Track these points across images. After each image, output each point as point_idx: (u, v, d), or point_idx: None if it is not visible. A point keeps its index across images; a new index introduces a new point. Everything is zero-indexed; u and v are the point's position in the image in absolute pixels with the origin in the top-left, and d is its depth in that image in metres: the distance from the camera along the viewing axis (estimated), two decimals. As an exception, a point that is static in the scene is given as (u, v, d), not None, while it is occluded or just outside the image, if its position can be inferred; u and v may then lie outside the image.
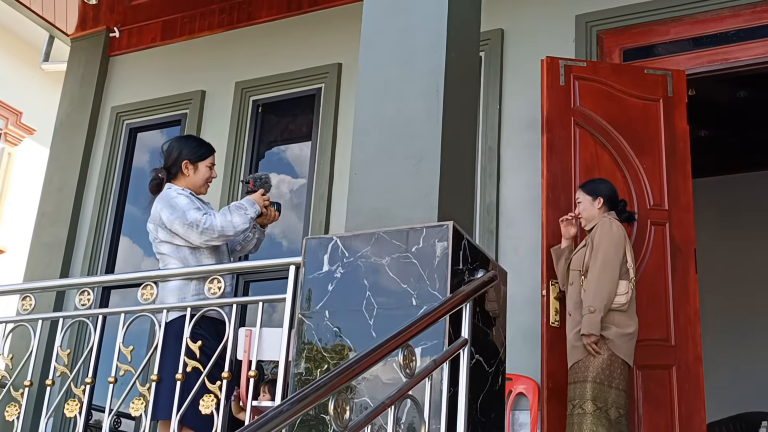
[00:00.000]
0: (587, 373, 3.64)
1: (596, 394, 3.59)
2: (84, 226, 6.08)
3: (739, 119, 6.73)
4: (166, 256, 3.59)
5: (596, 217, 3.95)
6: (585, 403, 3.59)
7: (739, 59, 4.66)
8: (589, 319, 3.64)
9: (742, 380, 6.52)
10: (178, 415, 3.01)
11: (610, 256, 3.75)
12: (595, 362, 3.64)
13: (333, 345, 2.72)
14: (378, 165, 2.90)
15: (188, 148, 3.79)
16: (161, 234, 3.57)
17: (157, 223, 3.60)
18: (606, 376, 3.63)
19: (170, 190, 3.68)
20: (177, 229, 3.52)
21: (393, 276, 2.67)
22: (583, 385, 3.63)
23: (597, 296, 3.68)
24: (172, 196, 3.62)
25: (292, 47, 5.78)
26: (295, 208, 5.58)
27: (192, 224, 3.49)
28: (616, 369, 3.66)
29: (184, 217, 3.51)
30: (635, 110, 4.56)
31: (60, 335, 3.38)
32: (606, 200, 3.97)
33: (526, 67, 4.86)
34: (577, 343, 3.71)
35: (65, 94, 6.53)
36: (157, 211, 3.61)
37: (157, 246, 3.62)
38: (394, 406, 2.14)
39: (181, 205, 3.56)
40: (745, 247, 7.07)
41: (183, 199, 3.60)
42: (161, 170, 3.75)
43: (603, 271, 3.72)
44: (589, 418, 3.56)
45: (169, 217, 3.53)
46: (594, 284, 3.70)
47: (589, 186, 4.04)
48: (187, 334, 3.10)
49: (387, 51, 3.07)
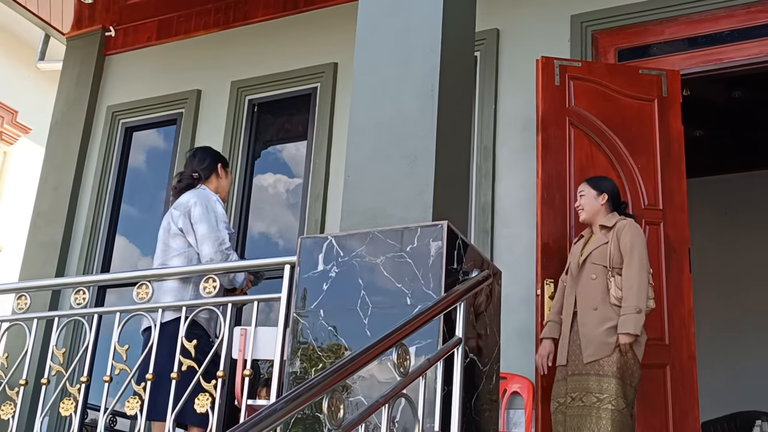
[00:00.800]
0: (614, 369, 3.64)
1: (621, 391, 3.61)
2: (79, 225, 6.07)
3: (734, 119, 6.75)
4: (172, 250, 3.61)
5: (599, 212, 3.95)
6: (614, 399, 3.59)
7: (734, 59, 4.67)
8: (636, 319, 3.64)
9: (736, 379, 6.54)
10: (173, 415, 3.02)
11: (645, 259, 3.79)
12: (622, 360, 3.66)
13: (328, 344, 2.73)
14: (373, 165, 2.91)
15: (219, 155, 4.00)
16: (182, 222, 3.60)
17: (183, 212, 3.63)
18: (629, 375, 3.66)
19: (207, 191, 3.76)
20: (199, 229, 3.57)
21: (387, 275, 2.68)
22: (607, 380, 3.63)
23: (642, 297, 3.69)
24: (212, 199, 3.70)
25: (288, 47, 5.79)
26: (291, 208, 5.59)
27: (217, 238, 3.57)
28: (636, 370, 3.70)
29: (216, 226, 3.59)
30: (630, 110, 4.57)
31: (55, 334, 3.39)
32: (610, 198, 3.98)
33: (521, 67, 4.87)
34: (610, 339, 3.68)
35: (61, 93, 6.53)
36: (189, 202, 3.66)
37: (169, 238, 3.64)
38: (388, 404, 2.15)
39: (218, 214, 3.65)
40: (739, 247, 7.09)
41: (220, 208, 3.69)
42: (195, 171, 3.83)
43: (642, 272, 3.74)
44: (617, 415, 3.58)
45: (201, 215, 3.59)
46: (637, 285, 3.70)
47: (595, 181, 4.05)
48: (182, 333, 3.11)
49: (382, 51, 3.08)
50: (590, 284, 3.83)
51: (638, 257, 3.76)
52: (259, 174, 5.76)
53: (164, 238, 3.66)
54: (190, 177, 3.85)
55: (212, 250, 3.53)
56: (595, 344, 3.70)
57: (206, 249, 3.55)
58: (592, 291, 3.81)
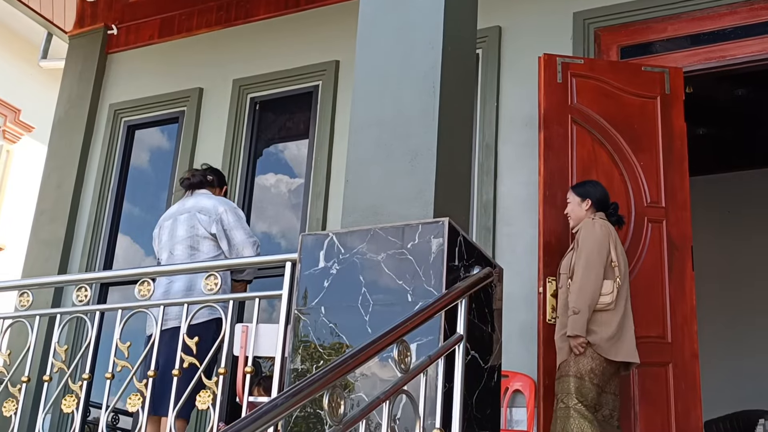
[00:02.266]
0: (569, 368, 3.66)
1: (578, 388, 3.59)
2: (82, 223, 6.08)
3: (737, 117, 6.73)
4: (200, 254, 3.70)
5: (584, 218, 3.95)
6: (567, 397, 3.59)
7: (736, 57, 4.66)
8: (574, 320, 3.66)
9: (739, 378, 6.53)
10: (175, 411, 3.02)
11: (593, 256, 3.75)
12: (578, 360, 3.66)
13: (329, 341, 2.72)
14: (374, 162, 2.91)
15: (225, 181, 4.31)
16: (215, 228, 3.81)
17: (214, 218, 3.82)
18: (587, 372, 3.63)
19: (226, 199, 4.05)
20: (236, 236, 3.82)
21: (389, 272, 2.68)
22: (566, 380, 3.64)
23: (580, 297, 3.69)
24: (235, 207, 4.00)
25: (290, 44, 5.78)
26: (293, 207, 5.58)
27: (255, 242, 3.89)
28: (597, 368, 3.64)
29: (250, 232, 3.93)
30: (632, 107, 4.56)
31: (57, 331, 3.39)
32: (594, 203, 3.96)
33: (523, 64, 4.86)
34: (563, 344, 3.74)
35: (63, 92, 6.53)
36: (218, 209, 3.87)
37: (197, 240, 3.74)
38: (388, 401, 2.14)
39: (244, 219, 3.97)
40: (742, 245, 7.07)
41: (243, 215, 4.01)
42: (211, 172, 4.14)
43: (586, 272, 3.72)
44: (571, 411, 3.57)
45: (235, 222, 3.85)
46: (578, 285, 3.71)
47: (580, 188, 4.04)
48: (183, 329, 3.10)
49: (383, 48, 3.07)
50: (559, 294, 3.90)
51: (584, 257, 3.76)
52: (260, 173, 5.76)
53: (189, 240, 3.75)
54: (203, 175, 4.10)
55: (253, 253, 3.82)
56: (558, 351, 3.78)
57: (248, 252, 3.82)
58: (559, 300, 3.88)
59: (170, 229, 3.81)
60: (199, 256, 3.75)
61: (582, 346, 3.63)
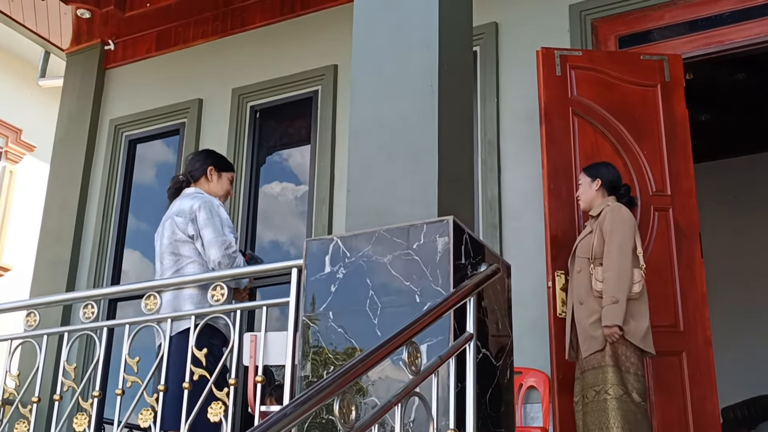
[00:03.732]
0: (605, 358, 3.60)
1: (618, 378, 3.55)
2: (87, 241, 6.07)
3: (739, 102, 6.70)
4: (184, 258, 3.59)
5: (594, 199, 3.91)
6: (610, 388, 3.54)
7: (735, 41, 4.62)
8: (614, 310, 3.58)
9: (754, 363, 6.49)
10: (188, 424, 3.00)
11: (626, 243, 3.70)
12: (616, 350, 3.60)
13: (339, 346, 2.70)
14: (375, 164, 2.89)
15: (214, 157, 3.96)
16: (191, 229, 3.60)
17: (189, 218, 3.62)
18: (623, 362, 3.59)
19: (208, 196, 3.75)
20: (205, 234, 3.58)
21: (395, 274, 2.66)
22: (604, 370, 3.58)
23: (620, 286, 3.62)
24: (215, 204, 3.70)
25: (288, 51, 5.77)
26: (298, 214, 5.57)
27: (223, 242, 3.57)
28: (631, 356, 3.62)
29: (221, 230, 3.60)
30: (633, 97, 4.53)
31: (66, 349, 3.38)
32: (604, 183, 3.93)
33: (521, 59, 4.84)
34: (596, 332, 3.64)
35: (63, 109, 6.54)
36: (192, 207, 3.64)
37: (178, 246, 3.61)
38: (400, 404, 2.12)
39: (223, 218, 3.66)
40: (750, 229, 7.03)
41: (224, 213, 3.70)
42: (183, 174, 3.84)
43: (622, 260, 3.66)
44: (615, 402, 3.52)
45: (206, 220, 3.60)
46: (614, 273, 3.63)
47: (590, 169, 4.02)
48: (192, 342, 3.09)
49: (380, 49, 3.06)
50: (577, 278, 3.81)
51: (617, 243, 3.69)
52: (264, 180, 5.74)
53: (171, 247, 3.64)
54: (177, 182, 3.87)
55: (219, 255, 3.54)
56: (588, 339, 3.68)
57: (213, 254, 3.56)
58: (580, 285, 3.78)
59: (159, 237, 3.77)
60: (182, 261, 3.63)
61: (617, 335, 3.58)
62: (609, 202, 3.88)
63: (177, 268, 3.62)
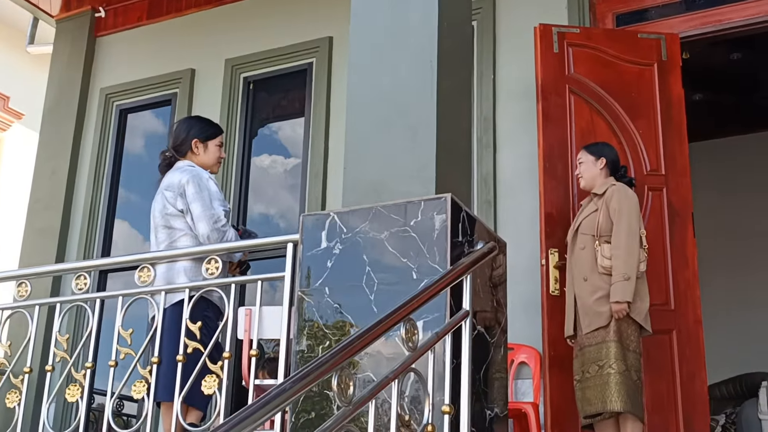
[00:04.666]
0: (609, 334, 3.62)
1: (621, 354, 3.59)
2: (77, 210, 6.03)
3: (734, 82, 6.69)
4: (177, 231, 3.56)
5: (597, 177, 3.92)
6: (614, 363, 3.57)
7: (732, 20, 4.61)
8: (624, 286, 3.61)
9: (742, 341, 6.55)
10: (181, 396, 3.00)
11: (634, 222, 3.74)
12: (620, 326, 3.64)
13: (334, 321, 2.70)
14: (373, 139, 2.87)
15: (197, 126, 3.85)
16: (180, 203, 3.56)
17: (178, 192, 3.58)
18: (624, 338, 3.63)
19: (198, 168, 3.70)
20: (194, 209, 3.54)
21: (392, 250, 2.65)
22: (606, 345, 3.61)
23: (630, 263, 3.65)
24: (203, 177, 3.64)
25: (282, 22, 5.71)
26: (290, 187, 5.54)
27: (212, 216, 3.53)
28: (632, 333, 3.66)
29: (210, 204, 3.55)
30: (629, 75, 4.52)
31: (58, 320, 3.36)
32: (609, 163, 3.94)
33: (519, 35, 4.80)
34: (602, 308, 3.66)
35: (52, 77, 6.45)
36: (181, 181, 3.60)
37: (169, 219, 3.58)
38: (397, 379, 2.13)
39: (212, 191, 3.60)
40: (741, 210, 7.07)
41: (213, 186, 3.64)
42: (169, 150, 3.77)
43: (631, 239, 3.70)
44: (618, 377, 3.55)
45: (194, 194, 3.55)
46: (624, 251, 3.66)
47: (593, 147, 4.02)
48: (186, 314, 3.08)
49: (378, 22, 3.03)
50: (580, 255, 3.83)
51: (626, 223, 3.72)
52: (256, 153, 5.71)
53: (163, 221, 3.61)
54: (165, 158, 3.79)
55: (208, 229, 3.50)
56: (590, 315, 3.70)
57: (202, 228, 3.52)
58: (583, 261, 3.80)
59: (152, 211, 3.74)
60: (174, 234, 3.59)
61: (625, 311, 3.61)
62: (613, 182, 3.89)
63: (170, 241, 3.60)
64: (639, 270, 3.70)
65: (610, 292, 3.64)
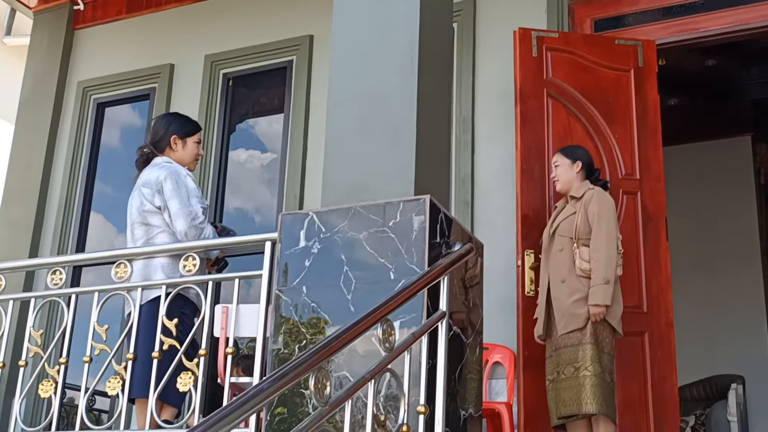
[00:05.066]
0: (585, 336, 3.66)
1: (596, 356, 3.63)
2: (52, 203, 5.99)
3: (708, 87, 6.79)
4: (154, 228, 3.55)
5: (573, 181, 3.95)
6: (590, 365, 3.61)
7: (708, 29, 4.67)
8: (605, 290, 3.65)
9: (712, 344, 6.64)
10: (156, 393, 3.00)
11: (613, 227, 3.79)
12: (596, 329, 3.67)
13: (311, 320, 2.72)
14: (354, 139, 2.89)
15: (176, 123, 3.84)
16: (158, 200, 3.55)
17: (156, 189, 3.56)
18: (600, 341, 3.67)
19: (176, 165, 3.68)
20: (171, 206, 3.52)
21: (370, 250, 2.67)
22: (582, 347, 3.65)
23: (609, 267, 3.69)
24: (180, 173, 3.63)
25: (263, 19, 5.70)
26: (268, 183, 5.54)
27: (189, 213, 3.52)
28: (607, 336, 3.70)
29: (188, 201, 3.54)
30: (607, 81, 4.57)
31: (32, 315, 3.34)
32: (584, 166, 3.98)
33: (498, 38, 4.84)
34: (579, 311, 3.69)
35: (29, 69, 6.40)
36: (158, 178, 3.58)
37: (146, 216, 3.57)
38: (374, 380, 2.15)
39: (189, 188, 3.59)
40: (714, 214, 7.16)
41: (191, 183, 3.63)
42: (147, 146, 3.75)
43: (610, 242, 3.74)
44: (594, 379, 3.59)
45: (172, 191, 3.54)
46: (604, 255, 3.70)
47: (569, 150, 4.05)
48: (162, 311, 3.08)
49: (360, 23, 3.04)
50: (558, 257, 3.86)
51: (605, 227, 3.77)
52: (234, 149, 5.70)
53: (140, 217, 3.60)
54: (144, 153, 3.78)
55: (186, 226, 3.50)
56: (567, 316, 3.73)
57: (180, 225, 3.51)
58: (560, 263, 3.83)
59: (128, 208, 3.73)
60: (152, 231, 3.59)
61: (603, 314, 3.65)
62: (590, 186, 3.93)
63: (147, 237, 3.59)
64: (617, 274, 3.76)
65: (589, 295, 3.67)
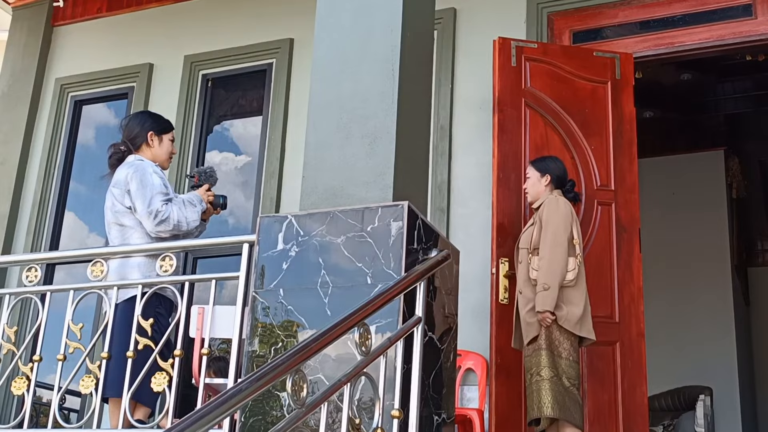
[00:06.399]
0: (541, 342, 3.71)
1: (550, 361, 3.67)
2: (27, 200, 5.94)
3: (683, 101, 6.90)
4: (128, 228, 3.53)
5: (542, 194, 4.00)
6: (542, 370, 3.65)
7: (684, 44, 4.75)
8: (544, 296, 3.70)
9: (682, 356, 6.74)
10: (130, 392, 2.99)
11: (560, 233, 3.81)
12: (550, 335, 3.72)
13: (287, 323, 2.73)
14: (333, 144, 2.91)
15: (152, 120, 3.83)
16: (127, 200, 3.54)
17: (124, 189, 3.55)
18: (555, 346, 3.70)
19: (144, 162, 3.66)
20: (137, 208, 3.51)
21: (348, 255, 2.69)
22: (538, 353, 3.70)
23: (550, 273, 3.73)
24: (147, 171, 3.59)
25: (243, 21, 5.70)
26: (243, 186, 5.54)
27: (151, 212, 3.50)
28: (565, 341, 3.73)
29: (149, 201, 3.51)
30: (584, 92, 4.63)
31: (6, 312, 3.32)
32: (553, 179, 4.02)
33: (477, 46, 4.88)
34: (532, 319, 3.76)
35: (6, 65, 6.34)
36: (126, 178, 3.57)
37: (118, 217, 3.55)
38: (350, 383, 2.17)
39: (152, 187, 3.54)
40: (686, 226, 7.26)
41: (157, 179, 3.59)
42: (123, 143, 3.73)
43: (554, 248, 3.78)
44: (546, 383, 3.63)
45: (136, 192, 3.52)
46: (546, 261, 3.76)
47: (540, 163, 4.09)
48: (138, 311, 3.07)
49: (342, 29, 3.06)
50: (520, 269, 3.93)
51: (551, 232, 3.81)
52: (212, 150, 5.69)
53: (114, 218, 3.59)
54: (118, 150, 3.75)
55: (151, 225, 3.50)
56: (524, 326, 3.81)
57: (147, 225, 3.52)
58: (520, 275, 3.91)
59: (105, 209, 3.71)
60: (126, 231, 3.56)
61: (549, 320, 3.69)
62: (548, 195, 3.97)
63: (123, 237, 3.58)
64: (566, 278, 3.77)
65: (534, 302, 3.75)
